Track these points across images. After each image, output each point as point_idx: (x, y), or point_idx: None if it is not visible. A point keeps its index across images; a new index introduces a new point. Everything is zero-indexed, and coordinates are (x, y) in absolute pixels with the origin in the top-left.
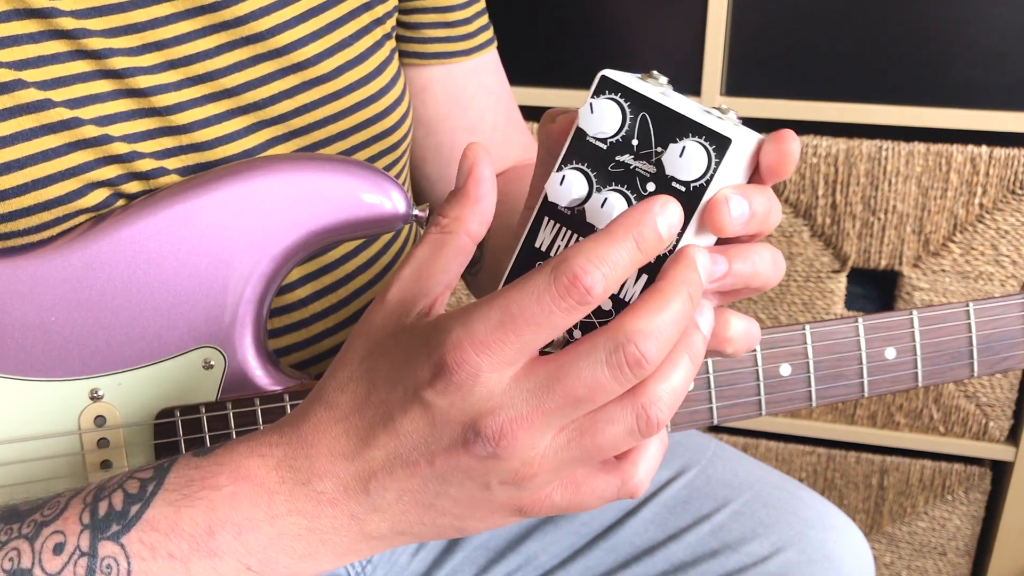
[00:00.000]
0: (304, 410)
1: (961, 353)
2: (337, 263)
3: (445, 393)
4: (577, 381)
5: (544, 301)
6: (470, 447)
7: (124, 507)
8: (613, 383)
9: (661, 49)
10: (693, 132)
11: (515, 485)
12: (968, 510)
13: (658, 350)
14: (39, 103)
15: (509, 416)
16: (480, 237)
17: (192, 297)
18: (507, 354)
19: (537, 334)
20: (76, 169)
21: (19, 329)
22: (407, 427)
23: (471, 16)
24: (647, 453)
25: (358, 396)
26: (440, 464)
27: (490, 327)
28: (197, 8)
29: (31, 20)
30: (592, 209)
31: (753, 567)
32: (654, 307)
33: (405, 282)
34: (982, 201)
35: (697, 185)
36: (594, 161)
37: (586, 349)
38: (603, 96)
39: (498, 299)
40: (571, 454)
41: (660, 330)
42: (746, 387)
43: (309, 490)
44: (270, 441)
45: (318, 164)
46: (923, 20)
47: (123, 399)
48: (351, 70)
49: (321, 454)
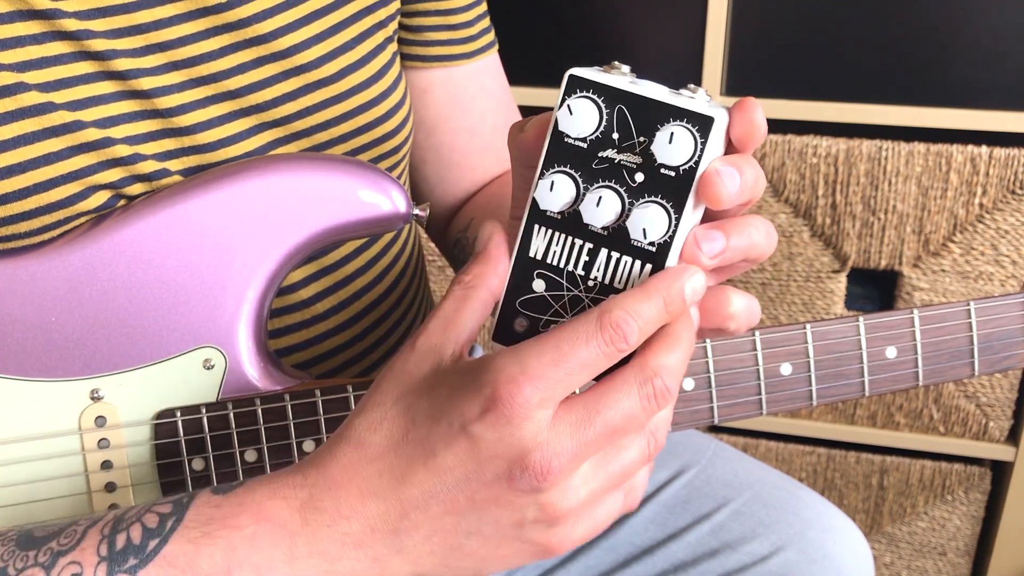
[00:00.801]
0: (331, 450)
1: (962, 352)
2: (339, 263)
3: (495, 426)
4: (616, 412)
5: (592, 345)
6: (514, 481)
7: (142, 541)
8: (642, 413)
9: (661, 49)
10: (674, 117)
11: (547, 523)
12: (968, 510)
13: (675, 384)
14: (41, 106)
15: (555, 450)
16: (499, 293)
17: (192, 297)
18: (556, 391)
19: (582, 374)
20: (78, 172)
21: (19, 329)
22: (450, 462)
23: (473, 19)
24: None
25: (394, 434)
26: (480, 499)
27: (544, 363)
28: (201, 10)
29: (34, 21)
30: (588, 210)
31: (753, 567)
32: (672, 344)
33: (433, 332)
34: (982, 201)
35: (687, 168)
36: (577, 161)
37: (619, 383)
38: (576, 95)
39: (550, 339)
40: (598, 483)
41: (677, 366)
42: (747, 386)
43: (334, 531)
44: (293, 483)
45: (318, 164)
46: (923, 20)
47: (123, 399)
48: (354, 73)
49: (351, 495)
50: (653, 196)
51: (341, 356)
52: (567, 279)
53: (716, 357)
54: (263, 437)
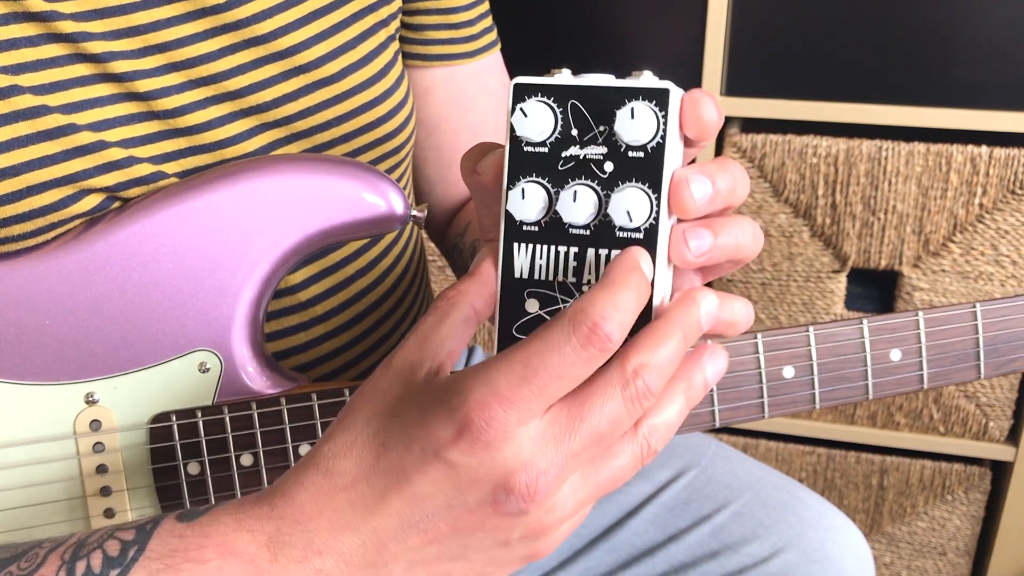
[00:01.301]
0: (298, 478)
1: (967, 355)
2: (339, 265)
3: (472, 452)
4: (600, 418)
5: (566, 352)
6: (500, 505)
7: (103, 570)
8: (627, 416)
9: (661, 49)
10: (629, 97)
11: (534, 538)
12: (968, 510)
13: (659, 382)
14: (35, 109)
15: (540, 468)
16: (485, 317)
17: (188, 300)
18: (533, 408)
19: (560, 386)
20: (72, 176)
21: (14, 333)
22: (428, 490)
23: (475, 18)
24: None
25: (365, 462)
26: (464, 525)
27: (514, 382)
28: (200, 10)
29: (30, 24)
30: (565, 209)
31: (753, 568)
32: (652, 343)
33: (410, 348)
34: (982, 201)
35: (654, 145)
36: (542, 167)
37: (600, 386)
38: (526, 100)
39: (518, 353)
40: (588, 492)
41: (660, 365)
42: (749, 389)
43: (306, 568)
44: (260, 514)
45: (315, 165)
46: (923, 20)
47: (119, 403)
48: (355, 72)
49: (321, 528)
50: (628, 181)
51: (341, 358)
52: (560, 291)
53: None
54: (259, 441)
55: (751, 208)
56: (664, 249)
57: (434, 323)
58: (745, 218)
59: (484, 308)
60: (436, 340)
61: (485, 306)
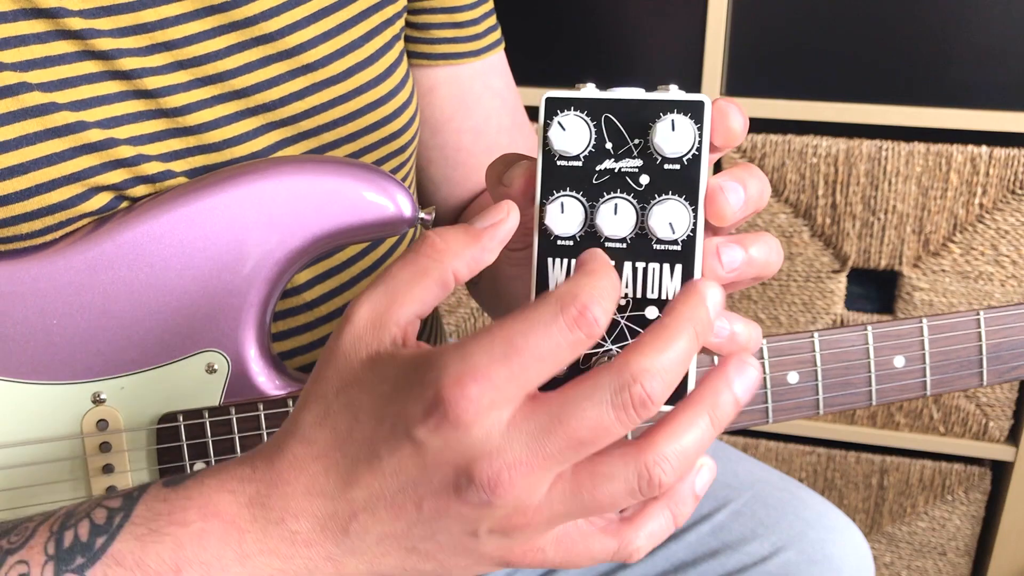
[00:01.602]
0: (279, 444)
1: (970, 362)
2: (343, 266)
3: (439, 431)
4: (580, 422)
5: (552, 333)
6: (462, 493)
7: (90, 539)
8: (617, 425)
9: (661, 49)
10: (664, 110)
11: (504, 534)
12: (968, 510)
13: (663, 389)
14: (43, 106)
15: (507, 461)
16: (463, 281)
17: (195, 300)
18: (510, 391)
19: (541, 369)
20: (80, 174)
21: (22, 332)
22: (394, 466)
23: (479, 17)
24: (651, 519)
25: (339, 431)
26: (428, 508)
27: (493, 361)
28: (207, 8)
29: (38, 20)
30: (605, 221)
31: (753, 567)
32: (660, 344)
33: (377, 303)
34: (982, 201)
35: (690, 157)
36: (576, 181)
37: (589, 388)
38: (561, 114)
39: (500, 331)
40: (567, 508)
41: (665, 369)
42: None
43: (283, 530)
44: (241, 476)
45: (322, 167)
46: (923, 20)
47: (125, 403)
48: (361, 72)
49: (297, 492)
50: (664, 193)
51: None
52: None
53: None
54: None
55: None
56: (700, 261)
57: (408, 279)
58: (768, 233)
59: (465, 273)
60: (405, 302)
61: (468, 272)
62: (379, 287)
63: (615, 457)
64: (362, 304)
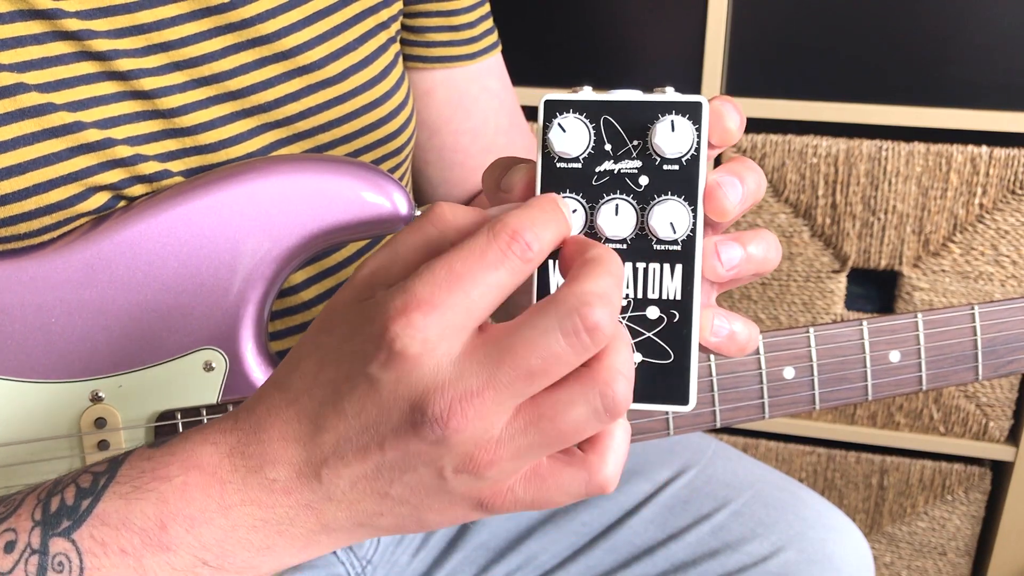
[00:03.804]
0: (259, 394)
1: (965, 356)
2: (340, 266)
3: (389, 365)
4: (531, 351)
5: (488, 258)
6: (419, 429)
7: (75, 502)
8: (569, 352)
9: (661, 49)
10: (663, 111)
11: (472, 474)
12: (968, 510)
13: (610, 316)
14: (41, 107)
15: (458, 393)
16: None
17: (193, 298)
18: (455, 317)
19: (484, 296)
20: (78, 173)
21: (20, 331)
22: (355, 407)
23: (475, 20)
24: (614, 443)
25: (307, 377)
26: (390, 448)
27: (436, 288)
28: (204, 9)
29: (35, 21)
30: (607, 222)
31: (753, 567)
32: (601, 270)
33: (378, 263)
34: (982, 201)
35: (689, 157)
36: (576, 183)
37: (537, 317)
38: (561, 116)
39: (439, 262)
40: (530, 440)
41: (609, 294)
42: (749, 390)
43: (261, 478)
44: (224, 427)
45: (319, 165)
46: (923, 20)
47: (124, 401)
48: (357, 73)
49: (274, 439)
50: (664, 193)
51: None
52: None
53: (718, 360)
54: None
55: (751, 208)
56: (700, 259)
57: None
58: (766, 230)
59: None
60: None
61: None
62: (385, 248)
63: (571, 383)
64: (366, 264)
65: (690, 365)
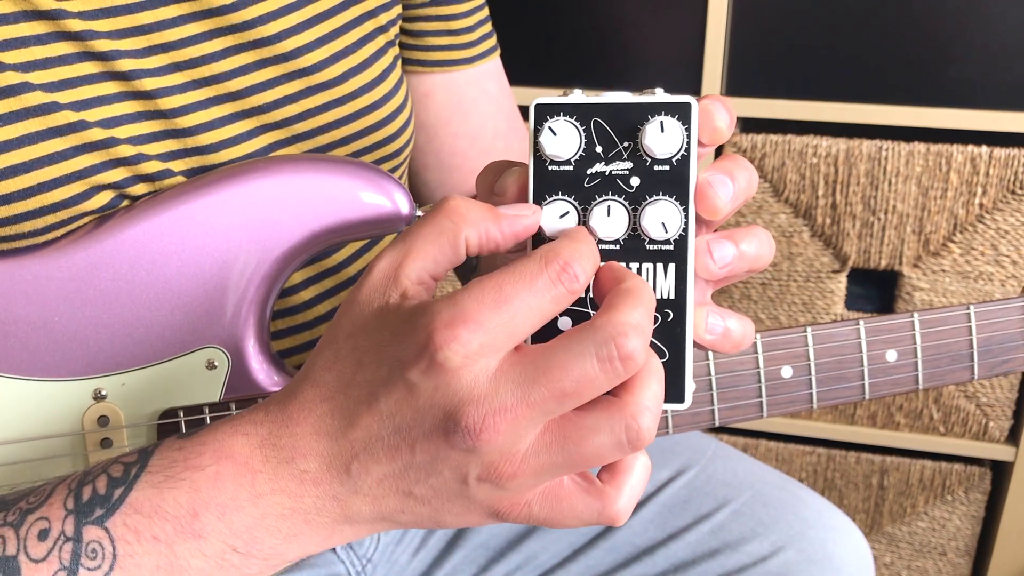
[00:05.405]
0: (291, 388)
1: (962, 356)
2: (341, 266)
3: (430, 374)
4: (565, 373)
5: (538, 285)
6: (450, 437)
7: (108, 491)
8: (602, 377)
9: (661, 49)
10: (652, 112)
11: (494, 484)
12: (968, 510)
13: (643, 346)
14: (46, 106)
15: (492, 407)
16: (471, 252)
17: (195, 297)
18: (498, 337)
19: (527, 319)
20: (82, 172)
21: (23, 329)
22: (390, 408)
23: (474, 24)
24: (631, 479)
25: (344, 375)
26: (420, 451)
27: (483, 307)
28: (204, 11)
29: (39, 22)
30: (599, 223)
31: (753, 567)
32: (636, 301)
33: (394, 257)
34: (982, 201)
35: (679, 157)
36: (568, 185)
37: (575, 341)
38: (551, 119)
39: (490, 281)
40: (553, 458)
41: (643, 325)
42: (748, 389)
43: (293, 468)
44: (255, 419)
45: (320, 164)
46: (923, 20)
47: (126, 399)
48: (356, 76)
49: (306, 432)
50: (656, 194)
51: None
52: (592, 307)
53: (717, 360)
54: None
55: (751, 208)
56: (693, 258)
57: (425, 236)
58: (759, 227)
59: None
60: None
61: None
62: (399, 242)
63: (599, 410)
64: (382, 257)
65: (685, 363)
